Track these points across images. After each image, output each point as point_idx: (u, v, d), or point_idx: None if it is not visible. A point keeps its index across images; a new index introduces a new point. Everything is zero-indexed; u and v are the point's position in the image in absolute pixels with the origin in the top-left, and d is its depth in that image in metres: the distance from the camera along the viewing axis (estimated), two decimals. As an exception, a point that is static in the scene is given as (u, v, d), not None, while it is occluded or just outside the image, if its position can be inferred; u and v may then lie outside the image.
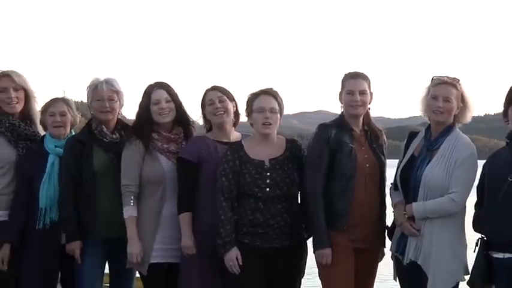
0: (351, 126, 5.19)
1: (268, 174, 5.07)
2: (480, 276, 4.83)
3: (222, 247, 5.02)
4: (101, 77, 5.49)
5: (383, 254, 5.36)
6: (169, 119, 5.37)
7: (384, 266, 5.43)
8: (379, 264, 5.36)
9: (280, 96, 5.20)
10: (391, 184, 5.17)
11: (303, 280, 5.30)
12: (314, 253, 5.09)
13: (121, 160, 5.33)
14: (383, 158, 5.27)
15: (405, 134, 5.34)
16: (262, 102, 5.13)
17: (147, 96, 5.37)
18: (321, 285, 5.19)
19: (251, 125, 5.22)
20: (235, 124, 5.42)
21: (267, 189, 5.04)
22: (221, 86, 5.38)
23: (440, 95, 4.98)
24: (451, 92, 4.98)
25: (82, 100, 5.62)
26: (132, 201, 5.26)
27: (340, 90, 5.25)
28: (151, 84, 5.44)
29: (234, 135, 5.39)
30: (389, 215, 5.26)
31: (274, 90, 5.19)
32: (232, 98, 5.36)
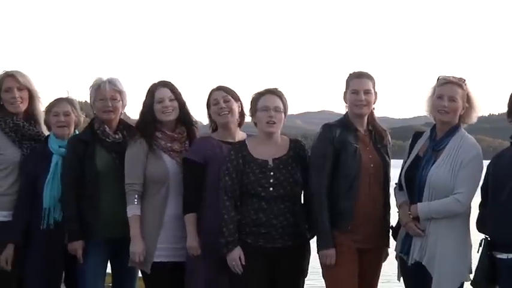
0: (356, 126, 5.19)
1: (271, 173, 5.07)
2: (484, 276, 4.82)
3: (225, 246, 5.01)
4: (104, 77, 5.50)
5: (387, 254, 5.35)
6: (172, 118, 5.37)
7: (388, 266, 5.42)
8: (383, 264, 5.35)
9: (284, 96, 5.20)
10: (396, 184, 5.17)
11: (308, 281, 5.30)
12: (318, 253, 5.09)
13: (124, 160, 5.32)
14: (387, 158, 5.26)
15: (409, 134, 5.32)
16: (266, 101, 5.12)
17: (151, 94, 5.37)
18: (325, 285, 5.19)
19: (255, 125, 5.21)
20: (240, 124, 5.41)
21: (271, 188, 5.04)
22: (226, 86, 5.38)
23: (445, 95, 4.97)
24: (457, 92, 4.97)
25: (86, 100, 5.64)
26: (136, 200, 5.26)
27: (344, 89, 5.24)
28: (154, 83, 5.44)
29: (239, 135, 5.37)
30: (393, 215, 5.25)
31: (279, 90, 5.19)
32: (237, 98, 5.36)
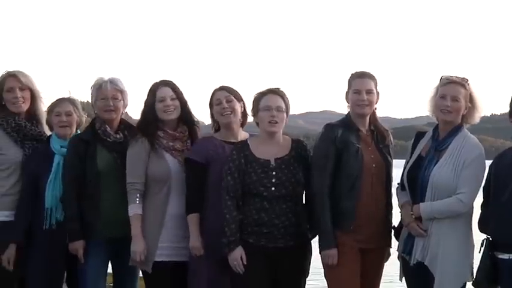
0: (358, 126, 5.19)
1: (274, 173, 5.06)
2: (485, 277, 4.82)
3: (227, 246, 5.01)
4: (105, 77, 5.50)
5: (389, 254, 5.35)
6: (174, 117, 5.37)
7: (390, 266, 5.41)
8: (385, 264, 5.35)
9: (286, 96, 5.19)
10: (398, 184, 5.16)
11: (310, 281, 5.29)
12: (320, 253, 5.09)
13: (125, 159, 5.32)
14: (389, 158, 5.26)
15: (411, 134, 5.32)
16: (268, 100, 5.12)
17: (152, 94, 5.37)
18: (327, 285, 5.18)
19: (257, 125, 5.21)
20: (242, 124, 5.41)
21: (273, 188, 5.03)
22: (229, 86, 5.37)
23: (448, 94, 4.96)
24: (460, 92, 4.97)
25: (88, 100, 5.63)
26: (138, 199, 5.25)
27: (346, 89, 5.24)
28: (156, 82, 5.44)
29: (242, 135, 5.37)
30: (395, 215, 5.25)
31: (281, 90, 5.19)
32: (239, 98, 5.36)
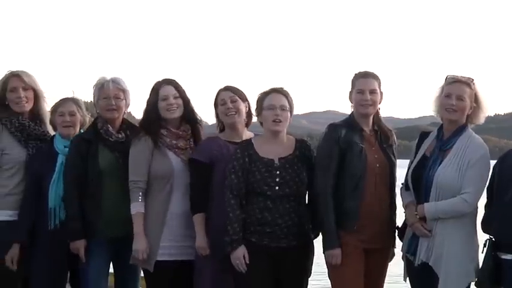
0: (361, 126, 5.18)
1: (277, 172, 5.06)
2: (488, 277, 4.81)
3: (230, 245, 5.00)
4: (108, 76, 5.50)
5: (393, 255, 5.34)
6: (177, 115, 5.36)
7: (394, 266, 5.41)
8: (389, 264, 5.34)
9: (290, 95, 5.19)
10: (402, 184, 5.16)
11: (313, 281, 5.28)
12: (324, 253, 5.08)
13: (127, 159, 5.31)
14: (393, 158, 5.25)
15: (415, 134, 5.31)
16: (272, 99, 5.12)
17: (155, 92, 5.36)
18: (331, 285, 5.18)
19: (261, 124, 5.21)
20: (247, 124, 5.40)
21: (277, 187, 5.02)
22: (233, 86, 5.37)
23: (453, 93, 4.96)
24: (465, 91, 4.96)
25: (91, 100, 5.64)
26: (141, 197, 5.25)
27: (350, 89, 5.23)
28: (159, 80, 5.44)
29: (247, 135, 5.36)
30: (399, 215, 5.24)
31: (284, 89, 5.18)
32: (244, 98, 5.35)
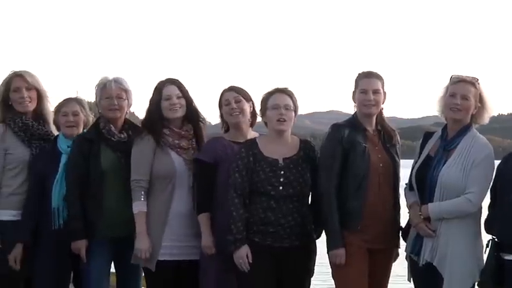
0: (364, 126, 5.18)
1: (282, 172, 5.06)
2: (490, 277, 4.79)
3: (233, 244, 5.00)
4: (110, 76, 5.51)
5: (397, 255, 5.33)
6: (179, 115, 5.36)
7: (398, 266, 5.40)
8: (393, 264, 5.33)
9: (295, 95, 5.19)
10: (406, 184, 5.15)
11: (317, 281, 5.28)
12: (328, 253, 5.08)
13: (129, 159, 5.31)
14: (397, 158, 5.25)
15: (418, 134, 5.30)
16: (276, 99, 5.12)
17: (158, 92, 5.36)
18: (335, 285, 5.17)
19: (265, 124, 5.21)
20: (252, 124, 5.40)
21: (280, 187, 5.02)
22: (238, 87, 5.37)
23: (458, 93, 4.95)
24: (470, 91, 4.96)
25: (95, 100, 5.63)
26: (143, 196, 5.25)
27: (353, 89, 5.23)
28: (162, 80, 5.44)
29: (251, 135, 5.36)
30: (403, 216, 5.23)
31: (288, 89, 5.18)
32: (248, 98, 5.36)
